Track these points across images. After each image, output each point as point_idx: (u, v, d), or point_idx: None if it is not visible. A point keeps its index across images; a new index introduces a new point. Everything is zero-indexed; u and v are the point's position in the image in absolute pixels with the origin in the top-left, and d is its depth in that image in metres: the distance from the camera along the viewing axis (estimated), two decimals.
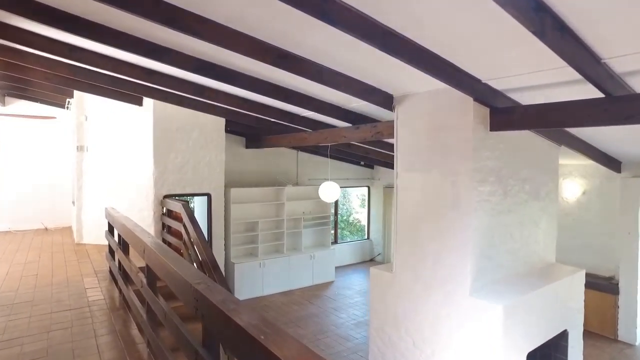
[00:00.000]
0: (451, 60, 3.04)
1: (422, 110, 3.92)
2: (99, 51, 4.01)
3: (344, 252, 9.51)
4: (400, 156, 4.17)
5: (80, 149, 6.10)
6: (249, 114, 5.98)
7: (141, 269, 3.22)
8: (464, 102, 3.52)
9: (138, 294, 3.21)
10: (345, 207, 13.25)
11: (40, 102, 7.07)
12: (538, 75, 3.08)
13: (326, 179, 8.99)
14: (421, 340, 3.90)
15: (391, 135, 4.70)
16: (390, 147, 7.03)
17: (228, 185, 6.80)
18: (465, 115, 3.52)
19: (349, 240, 10.58)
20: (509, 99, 3.64)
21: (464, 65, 3.13)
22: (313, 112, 5.16)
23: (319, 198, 8.38)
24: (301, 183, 8.56)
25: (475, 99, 3.49)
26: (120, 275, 3.75)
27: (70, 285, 4.07)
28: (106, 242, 4.81)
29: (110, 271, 4.48)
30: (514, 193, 3.99)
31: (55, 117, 6.00)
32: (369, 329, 4.52)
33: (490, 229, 3.72)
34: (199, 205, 7.04)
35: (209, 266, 4.19)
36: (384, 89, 4.07)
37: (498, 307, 3.29)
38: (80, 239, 6.21)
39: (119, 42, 3.34)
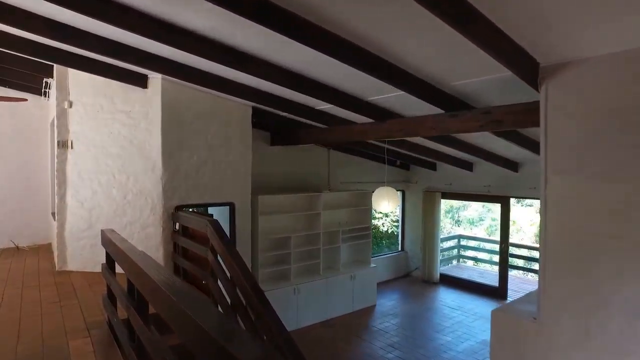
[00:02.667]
0: None
1: (599, 83, 2.54)
2: None
3: (377, 267, 8.10)
4: (552, 154, 2.79)
5: (62, 145, 4.56)
6: (291, 101, 4.55)
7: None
8: None
9: None
10: None
11: (9, 87, 5.48)
12: None
13: (359, 182, 7.63)
14: None
15: (517, 125, 3.33)
16: (458, 143, 5.69)
17: (253, 192, 5.34)
18: None
19: (382, 253, 9.15)
20: None
21: None
22: (393, 94, 3.76)
23: (357, 206, 7.01)
24: (333, 188, 7.13)
25: None
26: (133, 348, 2.28)
27: (46, 358, 2.57)
28: (100, 268, 3.35)
29: (110, 324, 3.00)
30: None
31: (26, 100, 4.44)
32: None
33: None
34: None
35: (268, 326, 2.71)
36: (531, 52, 2.69)
37: None
38: (64, 264, 4.67)
39: None
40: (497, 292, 7.32)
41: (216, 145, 4.90)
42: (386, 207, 5.13)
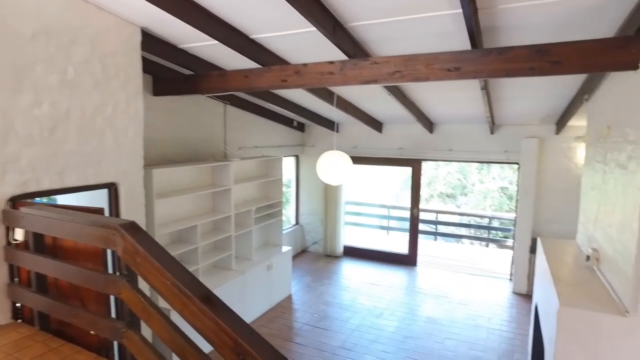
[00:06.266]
0: None
1: None
2: None
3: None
4: None
5: None
6: (218, 17, 2.87)
7: None
8: None
9: None
10: None
11: None
12: None
13: (259, 147, 6.20)
14: None
15: (584, 68, 2.53)
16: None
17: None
18: None
19: None
20: None
21: None
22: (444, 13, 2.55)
23: (267, 177, 5.63)
24: (231, 154, 5.51)
25: None
26: None
27: None
28: None
29: None
30: None
31: None
32: None
33: None
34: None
35: None
36: None
37: None
38: None
39: None
40: (407, 260, 7.08)
41: (85, 87, 2.84)
42: (334, 179, 3.98)
